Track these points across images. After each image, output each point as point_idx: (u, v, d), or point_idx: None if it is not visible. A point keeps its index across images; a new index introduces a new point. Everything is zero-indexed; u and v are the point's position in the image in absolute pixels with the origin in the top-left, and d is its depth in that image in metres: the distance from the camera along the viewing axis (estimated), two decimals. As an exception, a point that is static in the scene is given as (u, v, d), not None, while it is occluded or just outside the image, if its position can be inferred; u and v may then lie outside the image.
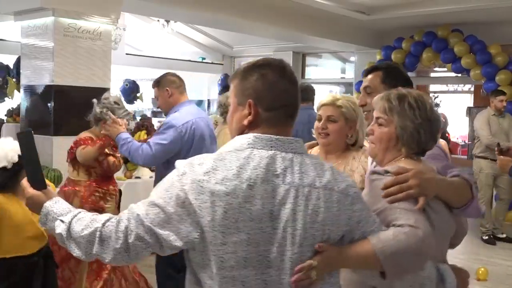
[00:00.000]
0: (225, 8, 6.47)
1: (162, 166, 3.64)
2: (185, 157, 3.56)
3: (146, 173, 4.88)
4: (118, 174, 4.21)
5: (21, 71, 5.29)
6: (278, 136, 1.45)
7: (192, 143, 3.57)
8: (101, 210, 3.61)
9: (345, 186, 1.46)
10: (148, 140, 3.65)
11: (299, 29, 7.65)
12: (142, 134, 5.07)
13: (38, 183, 1.57)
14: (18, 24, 5.26)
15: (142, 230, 1.38)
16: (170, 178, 1.42)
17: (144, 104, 10.30)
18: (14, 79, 6.37)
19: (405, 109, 1.74)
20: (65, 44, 4.88)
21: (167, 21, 8.81)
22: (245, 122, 1.48)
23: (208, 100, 11.71)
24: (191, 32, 9.87)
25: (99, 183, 3.72)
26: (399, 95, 1.78)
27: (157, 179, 3.73)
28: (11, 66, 6.80)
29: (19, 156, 2.62)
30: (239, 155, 1.40)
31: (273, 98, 1.47)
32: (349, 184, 1.48)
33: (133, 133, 5.01)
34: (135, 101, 8.43)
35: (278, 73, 1.48)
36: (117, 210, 3.81)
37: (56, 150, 4.65)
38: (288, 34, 7.88)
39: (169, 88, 3.67)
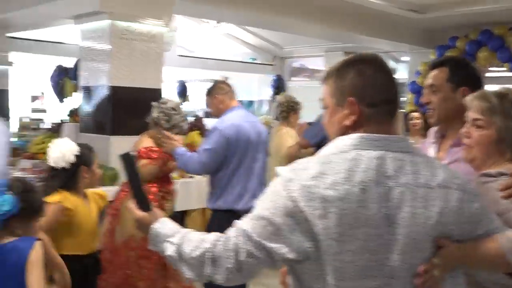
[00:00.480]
0: (276, 9, 6.50)
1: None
2: (230, 162, 3.57)
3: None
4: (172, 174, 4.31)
5: (79, 73, 5.48)
6: (385, 135, 1.36)
7: (237, 146, 3.58)
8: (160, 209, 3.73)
9: (461, 183, 1.38)
10: (198, 149, 3.72)
11: (350, 29, 7.58)
12: (196, 135, 5.16)
13: (144, 205, 1.57)
14: (76, 27, 5.45)
15: (251, 246, 1.32)
16: (274, 187, 1.35)
17: (196, 105, 10.47)
18: (73, 81, 6.61)
19: (508, 108, 1.62)
20: (121, 46, 5.02)
21: (218, 22, 8.92)
22: (347, 122, 1.40)
23: (259, 101, 11.77)
24: (241, 33, 9.95)
25: (161, 183, 3.82)
26: (498, 93, 1.66)
27: (210, 180, 3.78)
28: (69, 69, 7.07)
29: (75, 156, 2.73)
30: (345, 157, 1.32)
31: (374, 93, 1.39)
32: (464, 181, 1.40)
33: (186, 134, 5.11)
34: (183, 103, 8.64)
35: (375, 67, 1.41)
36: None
37: (113, 149, 4.79)
38: (339, 34, 7.83)
39: (218, 95, 3.78)
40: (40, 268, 2.15)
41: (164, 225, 1.51)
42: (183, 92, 10.57)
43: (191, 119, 6.72)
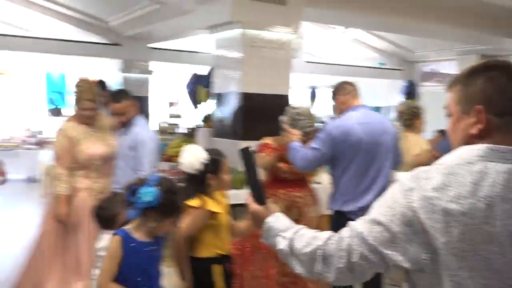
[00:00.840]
0: (405, 12, 6.33)
1: (333, 172, 3.69)
2: (340, 163, 3.51)
3: (326, 179, 4.93)
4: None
5: (212, 80, 5.74)
6: None
7: (345, 147, 3.50)
8: None
9: None
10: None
11: (486, 30, 7.16)
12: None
13: (260, 199, 1.63)
14: (211, 37, 5.71)
15: (365, 249, 1.31)
16: (393, 193, 1.32)
17: (323, 110, 10.50)
18: (206, 88, 6.94)
19: None
20: (251, 54, 5.18)
21: (346, 28, 8.86)
22: (473, 131, 1.33)
23: (386, 107, 11.50)
24: (369, 37, 9.82)
25: (269, 184, 3.92)
26: None
27: (333, 184, 3.76)
28: (203, 76, 7.43)
29: (203, 164, 2.82)
30: (470, 169, 1.25)
31: (504, 102, 1.31)
32: None
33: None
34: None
35: (507, 75, 1.33)
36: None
37: (242, 153, 4.94)
38: (474, 35, 7.42)
39: (340, 95, 3.75)
40: (105, 261, 2.38)
41: (277, 220, 1.55)
42: (313, 98, 10.68)
43: (318, 125, 6.75)
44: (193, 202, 2.77)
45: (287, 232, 1.49)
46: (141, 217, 2.36)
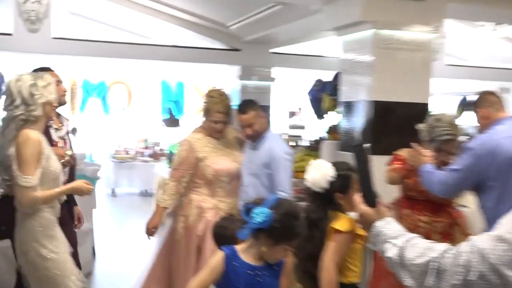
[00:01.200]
0: None
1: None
2: (491, 189, 3.19)
3: (473, 201, 4.61)
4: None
5: (339, 87, 5.63)
6: None
7: (494, 167, 3.22)
8: None
9: None
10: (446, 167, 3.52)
11: None
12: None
13: (370, 200, 1.66)
14: (338, 39, 5.59)
15: (486, 267, 1.29)
16: None
17: (470, 121, 10.00)
18: (332, 96, 6.83)
19: None
20: (384, 57, 4.95)
21: (497, 25, 8.36)
22: None
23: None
24: (524, 35, 9.16)
25: (398, 202, 3.87)
26: None
27: (485, 215, 3.46)
28: (327, 83, 7.33)
29: (329, 182, 2.75)
30: None
31: None
32: None
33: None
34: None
35: None
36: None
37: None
38: None
39: (481, 108, 3.60)
40: (203, 270, 2.44)
41: (388, 225, 1.56)
42: (462, 107, 10.22)
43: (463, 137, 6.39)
44: (340, 224, 2.66)
45: (398, 240, 1.50)
46: (253, 238, 2.35)
